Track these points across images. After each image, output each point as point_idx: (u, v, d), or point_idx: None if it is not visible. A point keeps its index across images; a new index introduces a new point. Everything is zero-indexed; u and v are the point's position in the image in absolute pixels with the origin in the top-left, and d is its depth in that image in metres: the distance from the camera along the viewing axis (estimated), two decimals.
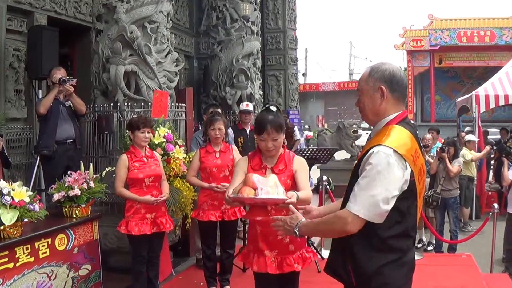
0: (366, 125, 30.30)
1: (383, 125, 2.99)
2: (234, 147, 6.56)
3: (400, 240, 2.91)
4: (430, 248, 9.69)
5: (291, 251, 4.24)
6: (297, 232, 3.16)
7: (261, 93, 12.52)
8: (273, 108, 4.33)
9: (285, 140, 4.35)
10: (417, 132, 3.11)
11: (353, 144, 14.83)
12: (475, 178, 11.98)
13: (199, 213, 6.17)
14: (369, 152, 2.83)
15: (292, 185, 4.22)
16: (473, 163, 11.74)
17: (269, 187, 3.51)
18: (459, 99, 16.86)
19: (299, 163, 4.36)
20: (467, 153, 11.47)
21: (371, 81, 3.01)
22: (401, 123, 2.96)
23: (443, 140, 11.11)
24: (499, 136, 16.07)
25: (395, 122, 2.96)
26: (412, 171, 2.81)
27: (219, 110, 7.59)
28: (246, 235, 7.46)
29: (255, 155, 4.37)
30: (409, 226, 2.94)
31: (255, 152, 4.44)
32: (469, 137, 12.18)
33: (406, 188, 2.80)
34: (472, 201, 12.16)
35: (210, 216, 6.09)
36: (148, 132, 5.81)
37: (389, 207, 2.74)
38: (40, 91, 7.80)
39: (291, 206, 3.32)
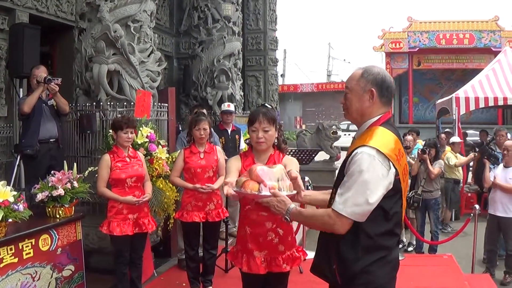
0: (345, 127, 30.45)
1: (367, 127, 3.06)
2: (218, 148, 6.55)
3: (387, 238, 2.97)
4: (410, 248, 9.74)
5: (281, 252, 4.23)
6: (288, 218, 3.17)
7: (242, 93, 12.51)
8: (268, 106, 4.43)
9: (276, 139, 4.34)
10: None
11: (332, 145, 14.84)
12: (461, 181, 11.99)
13: (183, 214, 6.14)
14: (353, 153, 2.89)
15: None
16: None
17: (274, 181, 3.34)
18: (439, 101, 17.01)
19: (288, 160, 4.36)
20: (451, 157, 11.55)
21: (362, 82, 3.06)
22: (384, 125, 3.03)
23: (419, 142, 11.18)
24: (477, 138, 16.23)
25: (378, 124, 3.03)
26: (396, 170, 2.87)
27: (204, 111, 7.57)
28: (228, 237, 7.47)
29: (248, 155, 4.37)
30: (395, 224, 3.00)
31: (247, 152, 4.46)
32: (454, 139, 12.25)
33: (391, 186, 2.85)
34: (457, 204, 12.21)
35: (194, 217, 6.07)
36: (131, 133, 5.79)
37: (372, 206, 2.80)
38: (21, 89, 7.71)
39: (275, 190, 3.25)
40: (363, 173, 2.79)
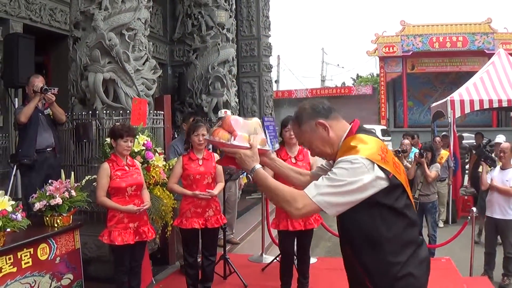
0: None
1: (342, 142, 2.96)
2: (216, 155, 6.55)
3: (407, 231, 2.86)
4: None
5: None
6: (251, 176, 3.04)
7: (237, 100, 12.52)
8: None
9: None
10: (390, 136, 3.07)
11: None
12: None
13: (182, 221, 6.13)
14: (337, 161, 2.83)
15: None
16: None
17: (246, 132, 3.18)
18: (434, 104, 16.97)
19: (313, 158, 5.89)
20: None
21: (305, 125, 3.03)
22: (358, 131, 2.96)
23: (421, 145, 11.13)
24: (473, 141, 16.24)
25: (352, 134, 2.95)
26: (385, 169, 2.76)
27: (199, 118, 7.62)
28: (226, 244, 7.47)
29: (281, 149, 6.46)
30: (408, 214, 2.87)
31: (280, 148, 6.54)
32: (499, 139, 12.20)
33: (385, 186, 2.75)
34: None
35: (194, 224, 6.07)
36: (131, 141, 5.77)
37: (348, 200, 2.71)
38: (16, 99, 7.71)
39: (253, 142, 3.12)
40: (348, 170, 2.72)
